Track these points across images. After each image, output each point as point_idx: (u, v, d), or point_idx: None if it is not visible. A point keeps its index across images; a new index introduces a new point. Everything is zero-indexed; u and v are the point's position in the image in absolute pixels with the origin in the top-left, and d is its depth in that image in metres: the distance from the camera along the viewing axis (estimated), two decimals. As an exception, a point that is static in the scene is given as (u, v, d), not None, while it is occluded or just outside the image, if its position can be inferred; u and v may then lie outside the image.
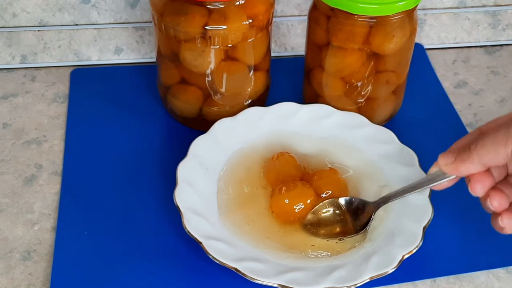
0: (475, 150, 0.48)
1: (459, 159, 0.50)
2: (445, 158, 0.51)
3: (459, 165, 0.50)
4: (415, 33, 0.62)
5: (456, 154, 0.50)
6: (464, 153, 0.49)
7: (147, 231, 0.57)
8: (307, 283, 0.50)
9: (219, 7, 0.58)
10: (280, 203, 0.57)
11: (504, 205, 0.50)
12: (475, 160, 0.49)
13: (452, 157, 0.50)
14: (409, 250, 0.52)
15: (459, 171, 0.50)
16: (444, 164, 0.51)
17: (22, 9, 0.72)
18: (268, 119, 0.64)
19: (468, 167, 0.49)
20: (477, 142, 0.48)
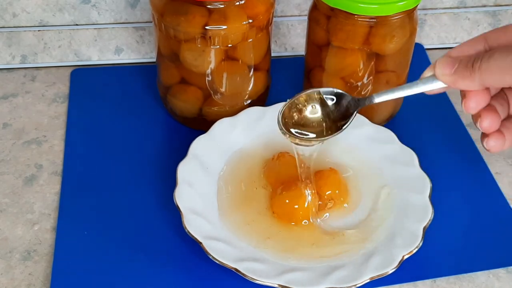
0: (479, 71, 0.44)
1: (459, 74, 0.45)
2: (444, 67, 0.46)
3: (458, 80, 0.45)
4: (415, 33, 0.62)
5: (457, 66, 0.45)
6: (465, 69, 0.45)
7: (147, 231, 0.57)
8: (308, 284, 0.50)
9: (219, 7, 0.58)
10: (281, 204, 0.57)
11: (494, 126, 0.47)
12: (476, 81, 0.44)
13: (451, 69, 0.46)
14: (409, 250, 0.52)
15: (456, 85, 0.46)
16: (442, 74, 0.46)
17: (22, 9, 0.72)
18: (268, 119, 0.64)
19: (467, 84, 0.45)
20: (482, 62, 0.44)
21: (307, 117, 0.52)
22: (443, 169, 0.63)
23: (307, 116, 0.52)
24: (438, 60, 0.47)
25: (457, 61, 0.46)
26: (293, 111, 0.52)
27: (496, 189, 0.62)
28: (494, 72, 0.43)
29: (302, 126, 0.52)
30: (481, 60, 0.44)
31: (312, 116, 0.52)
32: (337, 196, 0.58)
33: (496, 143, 0.48)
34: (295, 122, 0.52)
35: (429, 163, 0.61)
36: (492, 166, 0.65)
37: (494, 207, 0.60)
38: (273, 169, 0.60)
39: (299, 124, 0.52)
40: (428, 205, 0.55)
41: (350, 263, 0.52)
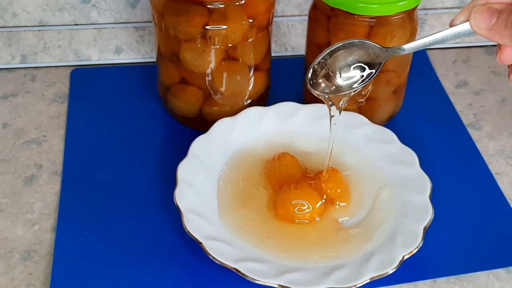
0: None
1: (496, 31, 0.41)
2: (480, 20, 0.42)
3: (495, 37, 0.41)
4: (415, 33, 0.62)
5: (494, 21, 0.41)
6: (505, 28, 0.40)
7: (147, 231, 0.57)
8: (308, 284, 0.50)
9: (219, 7, 0.58)
10: (285, 204, 0.57)
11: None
12: None
13: (488, 23, 0.41)
14: (410, 251, 0.52)
15: (493, 40, 0.42)
16: (477, 26, 0.42)
17: (22, 9, 0.72)
18: (268, 119, 0.64)
19: (504, 42, 0.41)
20: None
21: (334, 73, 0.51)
22: (443, 169, 0.63)
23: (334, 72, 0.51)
24: (475, 9, 0.42)
25: (495, 14, 0.41)
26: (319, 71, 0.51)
27: (496, 189, 0.62)
28: None
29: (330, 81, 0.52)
30: None
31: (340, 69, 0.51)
32: (339, 195, 0.58)
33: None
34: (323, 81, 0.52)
35: (429, 163, 0.61)
36: (492, 166, 0.65)
37: (494, 207, 0.60)
38: (274, 169, 0.60)
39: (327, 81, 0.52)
40: (429, 205, 0.55)
41: (350, 263, 0.52)
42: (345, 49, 0.51)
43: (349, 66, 0.51)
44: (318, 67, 0.51)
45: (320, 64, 0.51)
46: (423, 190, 0.57)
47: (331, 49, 0.51)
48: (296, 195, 0.57)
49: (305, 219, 0.56)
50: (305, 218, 0.56)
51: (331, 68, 0.51)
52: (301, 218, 0.56)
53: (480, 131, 0.69)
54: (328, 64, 0.51)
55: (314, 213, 0.57)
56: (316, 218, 0.57)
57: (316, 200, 0.57)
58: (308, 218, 0.56)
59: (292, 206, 0.56)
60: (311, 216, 0.56)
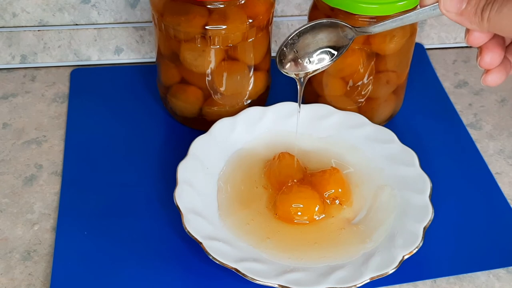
0: (488, 21, 0.40)
1: (466, 17, 0.41)
2: (451, 4, 0.42)
3: (464, 22, 0.42)
4: (415, 33, 0.62)
5: (464, 7, 0.41)
6: (474, 15, 0.41)
7: (147, 231, 0.57)
8: (308, 284, 0.50)
9: (219, 7, 0.58)
10: (285, 205, 0.57)
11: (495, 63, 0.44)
12: (484, 28, 0.41)
13: (458, 8, 0.41)
14: (410, 251, 0.52)
15: (462, 24, 0.42)
16: (446, 10, 0.42)
17: (22, 9, 0.72)
18: (268, 119, 0.64)
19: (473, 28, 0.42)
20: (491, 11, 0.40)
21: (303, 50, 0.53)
22: (443, 169, 0.63)
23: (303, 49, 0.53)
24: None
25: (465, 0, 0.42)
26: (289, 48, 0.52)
27: (496, 189, 0.62)
28: (504, 26, 0.40)
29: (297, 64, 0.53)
30: (490, 9, 0.40)
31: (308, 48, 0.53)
32: (340, 195, 0.58)
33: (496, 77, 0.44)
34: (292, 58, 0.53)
35: (429, 163, 0.61)
36: (492, 166, 0.65)
37: (494, 207, 0.60)
38: (274, 169, 0.60)
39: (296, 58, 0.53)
40: (428, 205, 0.55)
41: (350, 263, 0.52)
42: (314, 29, 0.51)
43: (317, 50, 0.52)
44: (287, 49, 0.52)
45: (289, 45, 0.52)
46: (423, 190, 0.57)
47: (300, 29, 0.51)
48: (296, 196, 0.57)
49: (304, 220, 0.56)
50: (305, 219, 0.56)
51: (299, 52, 0.52)
52: (301, 219, 0.56)
53: (480, 131, 0.69)
54: (297, 46, 0.52)
55: (313, 214, 0.57)
56: (316, 218, 0.57)
57: (316, 201, 0.57)
58: (307, 219, 0.56)
59: (292, 207, 0.56)
60: (310, 217, 0.56)
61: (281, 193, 0.57)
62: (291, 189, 0.57)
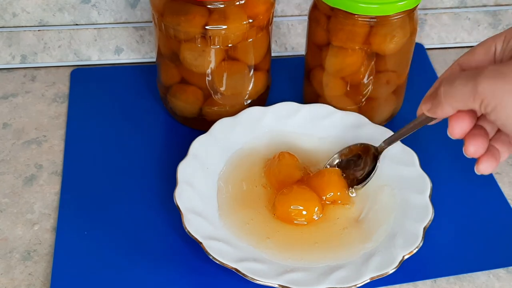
0: (445, 98, 0.46)
1: (433, 104, 0.48)
2: (425, 103, 0.50)
3: (436, 110, 0.48)
4: (415, 33, 0.62)
5: (431, 99, 0.49)
6: (435, 99, 0.48)
7: (147, 231, 0.57)
8: (308, 284, 0.50)
9: (219, 7, 0.58)
10: (283, 206, 0.56)
11: (480, 151, 0.48)
12: (446, 106, 0.47)
13: (429, 104, 0.49)
14: (410, 251, 0.52)
15: (437, 115, 0.48)
16: (426, 110, 0.50)
17: (22, 9, 0.72)
18: (268, 119, 0.64)
19: (442, 111, 0.47)
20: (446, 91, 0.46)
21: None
22: (443, 169, 0.63)
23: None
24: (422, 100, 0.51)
25: (431, 93, 0.49)
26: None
27: (496, 189, 0.62)
28: (458, 99, 0.45)
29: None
30: (444, 86, 0.46)
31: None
32: (339, 197, 0.58)
33: (487, 165, 0.48)
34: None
35: (429, 163, 0.61)
36: (492, 166, 0.64)
37: (494, 207, 0.60)
38: (274, 168, 0.60)
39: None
40: (429, 205, 0.55)
41: (350, 263, 0.52)
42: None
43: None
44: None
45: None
46: (423, 190, 0.57)
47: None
48: (295, 197, 0.57)
49: (303, 221, 0.56)
50: (303, 220, 0.56)
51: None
52: (299, 220, 0.56)
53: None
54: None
55: (312, 215, 0.56)
56: (315, 219, 0.57)
57: (315, 203, 0.57)
58: (306, 220, 0.56)
59: (290, 208, 0.56)
60: (309, 218, 0.56)
61: (280, 194, 0.57)
62: (290, 190, 0.57)
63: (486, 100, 0.43)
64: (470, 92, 0.44)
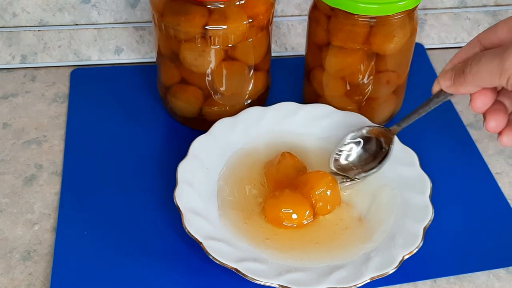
0: (470, 74, 0.47)
1: (456, 81, 0.49)
2: (444, 80, 0.50)
3: (458, 88, 0.49)
4: (415, 33, 0.62)
5: (453, 75, 0.49)
6: (460, 76, 0.48)
7: (147, 231, 0.57)
8: (308, 284, 0.50)
9: (219, 7, 0.58)
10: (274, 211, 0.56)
11: (500, 125, 0.49)
12: (471, 85, 0.48)
13: (450, 79, 0.49)
14: (410, 251, 0.52)
15: (459, 92, 0.49)
16: (445, 86, 0.50)
17: (22, 9, 0.72)
18: (268, 119, 0.64)
19: (465, 88, 0.48)
20: (471, 67, 0.47)
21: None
22: (443, 169, 0.63)
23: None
24: (440, 73, 0.50)
25: (453, 70, 0.49)
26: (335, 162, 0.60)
27: (496, 189, 0.62)
28: (484, 77, 0.46)
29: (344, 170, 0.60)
30: (470, 65, 0.47)
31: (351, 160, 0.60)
32: (329, 197, 0.57)
33: (509, 138, 0.49)
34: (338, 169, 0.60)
35: (429, 163, 0.61)
36: (492, 166, 0.65)
37: (494, 207, 0.60)
38: (273, 169, 0.60)
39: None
40: (429, 205, 0.55)
41: (350, 263, 0.52)
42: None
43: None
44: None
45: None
46: (423, 190, 0.57)
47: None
48: (284, 201, 0.56)
49: (292, 225, 0.56)
50: (293, 224, 0.56)
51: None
52: (289, 223, 0.56)
53: (480, 131, 0.69)
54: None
55: (302, 219, 0.56)
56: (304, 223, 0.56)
57: (304, 208, 0.56)
58: (295, 224, 0.56)
59: (280, 212, 0.56)
60: (299, 222, 0.56)
61: (271, 197, 0.57)
62: (279, 194, 0.57)
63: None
64: (497, 68, 0.45)
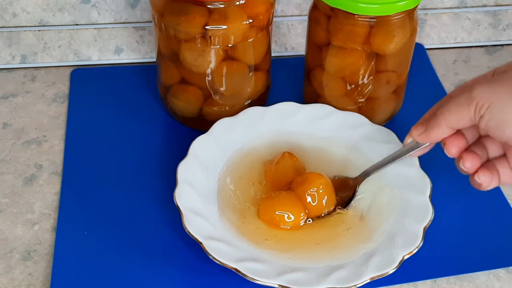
0: (441, 114, 0.51)
1: (428, 126, 0.52)
2: (417, 129, 0.54)
3: (430, 132, 0.52)
4: (415, 33, 0.62)
5: (426, 123, 0.53)
6: (432, 120, 0.52)
7: (147, 231, 0.57)
8: (308, 284, 0.50)
9: (219, 7, 0.58)
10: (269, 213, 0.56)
11: (476, 165, 0.52)
12: (443, 124, 0.51)
13: (422, 127, 0.53)
14: (410, 251, 0.52)
15: (431, 137, 0.53)
16: (417, 134, 0.54)
17: (22, 9, 0.72)
18: (268, 119, 0.64)
19: (438, 132, 0.52)
20: (442, 107, 0.51)
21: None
22: (443, 169, 0.63)
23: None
24: (413, 126, 0.54)
25: (425, 120, 0.53)
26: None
27: (496, 189, 0.62)
28: (453, 111, 0.50)
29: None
30: (441, 106, 0.51)
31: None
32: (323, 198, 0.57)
33: (485, 177, 0.52)
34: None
35: (429, 163, 0.61)
36: (492, 166, 0.64)
37: (494, 207, 0.60)
38: (272, 168, 0.60)
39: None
40: (429, 205, 0.55)
41: (350, 263, 0.52)
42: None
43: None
44: None
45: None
46: (423, 190, 0.57)
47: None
48: (278, 204, 0.56)
49: (287, 227, 0.56)
50: (287, 226, 0.56)
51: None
52: (284, 225, 0.56)
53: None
54: None
55: (297, 222, 0.56)
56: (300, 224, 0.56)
57: (299, 210, 0.56)
58: (290, 226, 0.56)
59: (274, 214, 0.56)
60: (294, 225, 0.56)
61: (265, 199, 0.57)
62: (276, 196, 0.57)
63: (481, 101, 0.47)
64: (465, 100, 0.48)
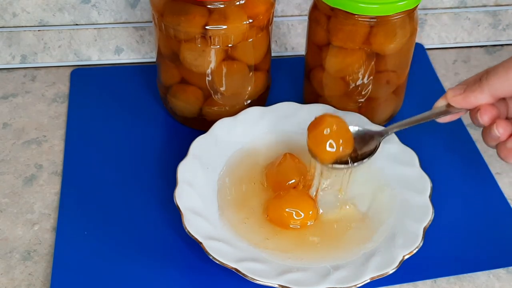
0: (486, 80, 0.50)
1: (469, 90, 0.51)
2: (454, 90, 0.52)
3: (469, 95, 0.51)
4: (415, 33, 0.62)
5: (466, 87, 0.52)
6: (474, 84, 0.51)
7: (147, 231, 0.57)
8: (308, 284, 0.50)
9: (220, 7, 0.58)
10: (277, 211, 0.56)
11: (508, 132, 0.51)
12: (486, 90, 0.50)
13: (461, 89, 0.52)
14: (410, 251, 0.52)
15: (468, 101, 0.51)
16: (453, 95, 0.52)
17: (22, 9, 0.72)
18: (268, 119, 0.64)
19: (477, 97, 0.51)
20: (488, 73, 0.50)
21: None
22: (443, 169, 0.63)
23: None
24: (449, 88, 0.53)
25: (465, 83, 0.52)
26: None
27: (496, 189, 0.62)
28: (501, 75, 0.49)
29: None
30: (487, 72, 0.50)
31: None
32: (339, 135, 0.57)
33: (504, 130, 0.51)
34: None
35: (429, 163, 0.61)
36: (492, 166, 0.65)
37: (494, 207, 0.60)
38: (273, 169, 0.60)
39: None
40: (429, 205, 0.55)
41: (350, 263, 0.52)
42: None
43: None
44: None
45: None
46: (423, 190, 0.57)
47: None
48: (287, 202, 0.56)
49: (296, 225, 0.56)
50: (296, 224, 0.56)
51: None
52: (294, 224, 0.56)
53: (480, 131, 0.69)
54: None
55: (306, 220, 0.56)
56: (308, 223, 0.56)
57: (309, 207, 0.56)
58: (299, 225, 0.56)
59: (284, 212, 0.56)
60: (302, 222, 0.56)
61: (274, 198, 0.57)
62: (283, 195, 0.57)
63: None
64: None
